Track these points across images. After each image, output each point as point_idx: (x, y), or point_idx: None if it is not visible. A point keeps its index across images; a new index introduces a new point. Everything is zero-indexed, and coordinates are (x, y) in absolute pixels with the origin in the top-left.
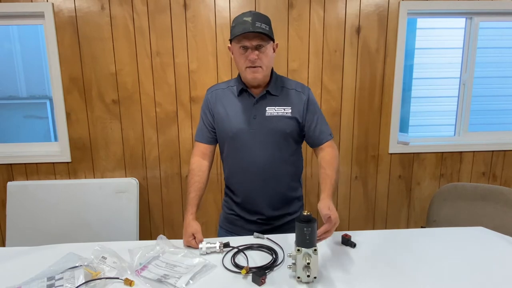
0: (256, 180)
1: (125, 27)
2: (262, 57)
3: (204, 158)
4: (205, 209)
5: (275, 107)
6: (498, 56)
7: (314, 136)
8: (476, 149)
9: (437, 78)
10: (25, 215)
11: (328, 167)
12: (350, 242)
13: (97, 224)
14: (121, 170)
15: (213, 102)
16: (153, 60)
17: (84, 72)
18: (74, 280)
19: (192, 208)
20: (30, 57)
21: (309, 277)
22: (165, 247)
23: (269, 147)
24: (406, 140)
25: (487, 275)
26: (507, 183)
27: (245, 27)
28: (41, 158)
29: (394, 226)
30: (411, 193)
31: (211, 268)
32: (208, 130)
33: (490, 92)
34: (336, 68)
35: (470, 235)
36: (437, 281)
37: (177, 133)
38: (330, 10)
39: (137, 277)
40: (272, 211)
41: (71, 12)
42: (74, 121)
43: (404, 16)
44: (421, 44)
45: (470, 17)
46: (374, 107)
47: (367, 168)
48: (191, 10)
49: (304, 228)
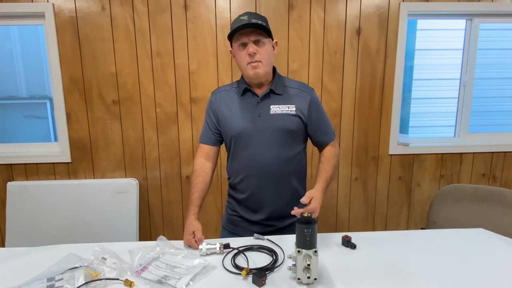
0: (261, 178)
1: (125, 28)
2: (261, 52)
3: (207, 160)
4: (205, 210)
5: (279, 105)
6: (498, 58)
7: (318, 136)
8: (476, 151)
9: (437, 79)
10: (25, 216)
11: (326, 163)
12: (350, 243)
13: (97, 225)
14: (121, 170)
15: (217, 104)
16: (154, 60)
17: (84, 73)
18: (74, 281)
19: (194, 208)
20: (31, 57)
21: (309, 279)
22: (165, 248)
23: (274, 145)
24: (406, 141)
25: (487, 276)
26: (507, 185)
27: (242, 24)
28: (41, 159)
29: (394, 228)
30: (411, 194)
31: (211, 269)
32: (212, 132)
33: (490, 93)
34: (337, 69)
35: (470, 236)
36: (437, 282)
37: (177, 133)
38: (330, 11)
39: (137, 278)
40: (276, 210)
41: (71, 13)
42: (74, 121)
43: (404, 17)
44: (421, 45)
45: (470, 18)
46: (374, 108)
47: (367, 169)
48: (192, 11)
49: (305, 230)
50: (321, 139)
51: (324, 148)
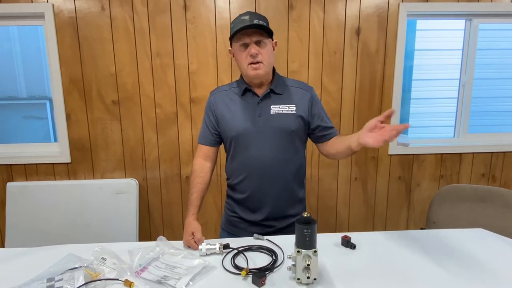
0: (261, 178)
1: (125, 28)
2: (262, 52)
3: (206, 160)
4: (205, 210)
5: (279, 105)
6: (497, 58)
7: (321, 131)
8: (475, 151)
9: (437, 80)
10: (25, 216)
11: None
12: (350, 243)
13: (96, 225)
14: (121, 171)
15: (216, 104)
16: (153, 61)
17: (84, 73)
18: (73, 282)
19: (193, 209)
20: (30, 58)
21: (309, 279)
22: (165, 248)
23: (274, 145)
24: (405, 141)
25: (487, 276)
26: (507, 185)
27: (244, 24)
28: (41, 159)
29: (393, 228)
30: (410, 195)
31: (211, 270)
32: (211, 133)
33: (490, 93)
34: (336, 69)
35: (470, 236)
36: (437, 282)
37: (177, 134)
38: (330, 11)
39: (137, 278)
40: (275, 211)
41: (71, 13)
42: (74, 121)
43: (404, 17)
44: (421, 46)
45: (470, 18)
46: (374, 108)
47: (367, 169)
48: (191, 11)
49: (304, 230)
50: (324, 133)
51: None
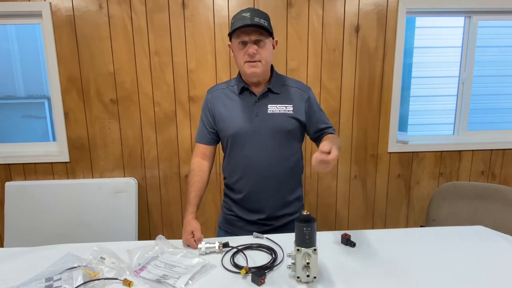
0: (258, 177)
1: (123, 27)
2: (261, 52)
3: (204, 159)
4: (204, 208)
5: (276, 105)
6: (497, 55)
7: (318, 132)
8: (475, 148)
9: (436, 77)
10: (23, 216)
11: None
12: (349, 241)
13: (95, 224)
14: (120, 170)
15: (213, 103)
16: (152, 59)
17: (82, 72)
18: (72, 281)
19: (192, 208)
20: (28, 57)
21: (309, 277)
22: (164, 247)
23: (271, 145)
24: (405, 139)
25: (487, 274)
26: (506, 182)
27: (244, 22)
28: (39, 158)
29: (393, 225)
30: (410, 192)
31: (211, 268)
32: (208, 131)
33: (489, 90)
34: (335, 67)
35: (469, 234)
36: (437, 280)
37: (176, 132)
38: (329, 9)
39: (136, 278)
40: (273, 210)
41: (69, 11)
42: (72, 121)
43: (403, 14)
44: (420, 43)
45: (469, 15)
46: (373, 106)
47: (366, 167)
48: (190, 9)
49: (304, 228)
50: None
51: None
